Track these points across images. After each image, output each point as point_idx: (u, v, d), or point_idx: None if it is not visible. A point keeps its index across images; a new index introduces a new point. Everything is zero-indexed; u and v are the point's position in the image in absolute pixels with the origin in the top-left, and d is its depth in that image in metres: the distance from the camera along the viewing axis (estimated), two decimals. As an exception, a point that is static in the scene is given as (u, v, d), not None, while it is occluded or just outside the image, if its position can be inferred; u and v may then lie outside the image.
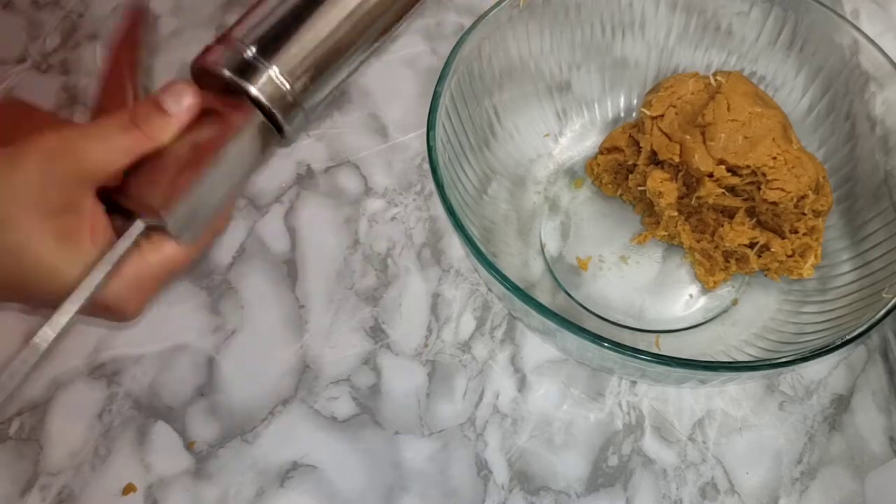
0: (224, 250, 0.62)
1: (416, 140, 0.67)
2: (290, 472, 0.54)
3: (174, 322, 0.59)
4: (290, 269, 0.61)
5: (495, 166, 0.62)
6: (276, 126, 0.40)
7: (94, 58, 0.72)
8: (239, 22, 0.40)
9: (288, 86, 0.39)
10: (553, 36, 0.62)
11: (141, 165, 0.38)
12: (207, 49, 0.40)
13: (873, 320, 0.48)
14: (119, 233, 0.38)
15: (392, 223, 0.63)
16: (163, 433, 0.56)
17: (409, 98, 0.70)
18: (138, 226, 0.38)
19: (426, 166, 0.64)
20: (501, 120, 0.62)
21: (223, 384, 0.57)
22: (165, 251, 0.39)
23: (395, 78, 0.70)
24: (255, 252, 0.62)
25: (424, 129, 0.53)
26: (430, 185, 0.65)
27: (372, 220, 0.63)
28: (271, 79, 0.39)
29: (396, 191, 0.65)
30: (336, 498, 0.54)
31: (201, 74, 0.40)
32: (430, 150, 0.52)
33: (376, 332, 0.59)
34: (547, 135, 0.65)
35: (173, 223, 0.37)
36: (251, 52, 0.39)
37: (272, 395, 0.57)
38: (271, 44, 0.39)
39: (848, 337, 0.47)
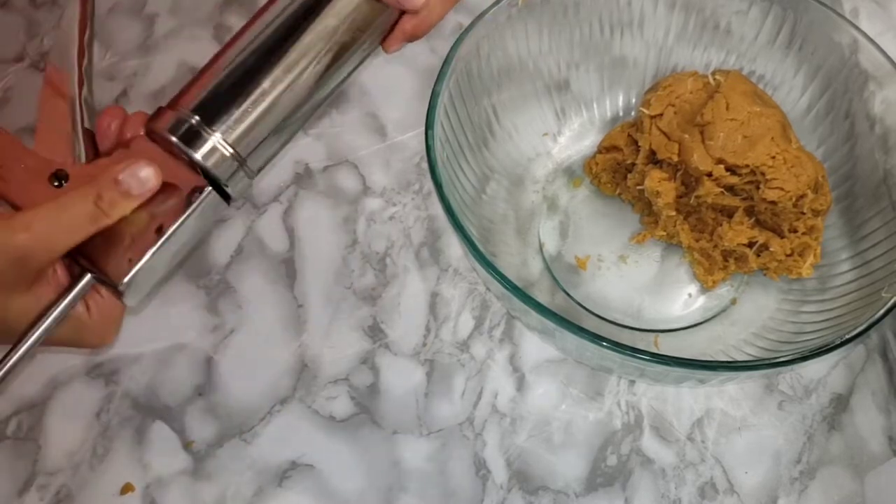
0: (222, 250, 0.62)
1: (414, 139, 0.67)
2: (288, 472, 0.54)
3: (172, 321, 0.59)
4: (288, 269, 0.61)
5: (494, 165, 0.61)
6: (220, 190, 0.42)
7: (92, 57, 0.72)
8: (187, 89, 0.42)
9: (231, 150, 0.41)
10: (552, 35, 0.62)
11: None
12: (159, 111, 0.42)
13: (872, 320, 0.48)
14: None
15: (390, 222, 0.63)
16: (161, 433, 0.56)
17: (407, 97, 0.70)
18: (88, 280, 0.39)
19: (425, 165, 0.64)
20: (500, 119, 0.62)
21: (221, 384, 0.57)
22: None
23: (393, 77, 0.70)
24: (254, 251, 0.62)
25: (423, 129, 0.52)
26: (429, 185, 0.64)
27: (370, 220, 0.63)
28: (215, 145, 0.41)
29: (395, 190, 0.65)
30: (334, 498, 0.53)
31: (152, 133, 0.42)
32: (429, 149, 0.52)
33: (375, 332, 0.59)
34: (545, 134, 0.65)
35: (125, 289, 0.39)
36: (195, 119, 0.41)
37: (270, 395, 0.57)
38: (214, 111, 0.41)
39: (847, 336, 0.47)
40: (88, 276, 0.39)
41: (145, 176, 0.39)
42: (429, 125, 0.52)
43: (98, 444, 0.55)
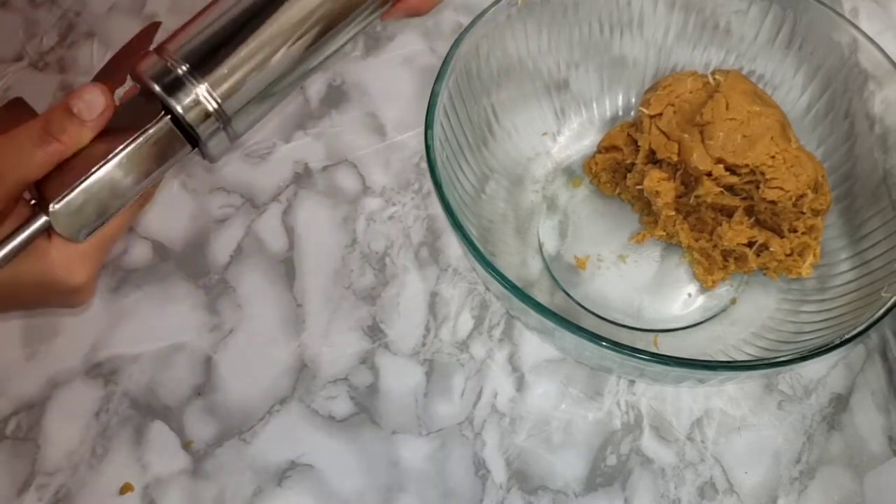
0: (221, 249, 0.62)
1: (413, 139, 0.67)
2: (287, 472, 0.54)
3: (171, 321, 0.59)
4: (287, 269, 0.61)
5: (493, 165, 0.61)
6: (191, 138, 0.40)
7: (91, 56, 0.72)
8: (176, 33, 0.41)
9: (215, 105, 0.40)
10: (551, 34, 0.62)
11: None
12: (145, 55, 0.40)
13: (872, 319, 0.48)
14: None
15: (390, 222, 0.63)
16: (160, 433, 0.55)
17: (406, 97, 0.70)
18: (41, 219, 0.38)
19: (424, 165, 0.64)
20: (500, 119, 0.62)
21: (221, 383, 0.57)
22: None
23: (392, 77, 0.70)
24: (253, 251, 0.62)
25: (422, 128, 0.52)
26: (428, 184, 0.64)
27: (370, 219, 0.63)
28: (198, 96, 0.39)
29: (394, 190, 0.65)
30: (334, 497, 0.53)
31: (139, 79, 0.40)
32: (428, 148, 0.52)
33: (374, 332, 0.59)
34: (545, 133, 0.65)
35: (56, 216, 0.38)
36: (183, 68, 0.39)
37: (270, 395, 0.57)
38: (203, 60, 0.40)
39: (847, 336, 0.47)
40: (43, 215, 0.38)
41: (90, 98, 0.38)
42: (428, 125, 0.52)
43: (97, 443, 0.55)
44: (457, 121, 0.57)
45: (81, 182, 0.38)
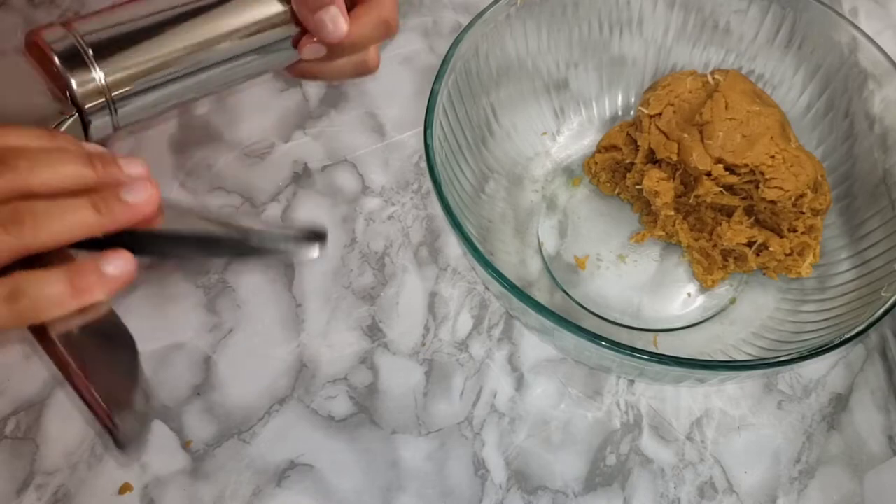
0: (221, 249, 0.62)
1: (413, 138, 0.67)
2: (287, 472, 0.54)
3: (170, 321, 0.59)
4: (286, 268, 0.61)
5: (493, 165, 0.61)
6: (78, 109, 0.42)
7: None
8: (87, 17, 0.43)
9: (107, 92, 0.42)
10: (550, 34, 0.62)
11: None
12: (49, 25, 0.42)
13: (872, 319, 0.48)
14: None
15: (389, 222, 0.63)
16: (159, 432, 0.55)
17: (406, 96, 0.69)
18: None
19: (423, 165, 0.64)
20: (499, 118, 0.62)
21: (220, 383, 0.57)
22: None
23: (392, 76, 0.70)
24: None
25: (422, 128, 0.52)
26: (428, 184, 0.64)
27: (369, 219, 0.63)
28: (96, 80, 0.41)
29: (394, 189, 0.65)
30: (333, 497, 0.53)
31: (33, 44, 0.42)
32: (428, 148, 0.52)
33: (373, 331, 0.59)
34: (544, 133, 0.65)
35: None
36: (82, 39, 0.41)
37: (269, 395, 0.57)
38: (107, 48, 0.42)
39: (846, 336, 0.47)
40: None
41: (124, 264, 0.38)
42: (427, 124, 0.52)
43: (96, 443, 0.55)
44: (456, 120, 0.57)
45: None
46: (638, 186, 0.59)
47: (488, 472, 0.54)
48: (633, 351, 0.45)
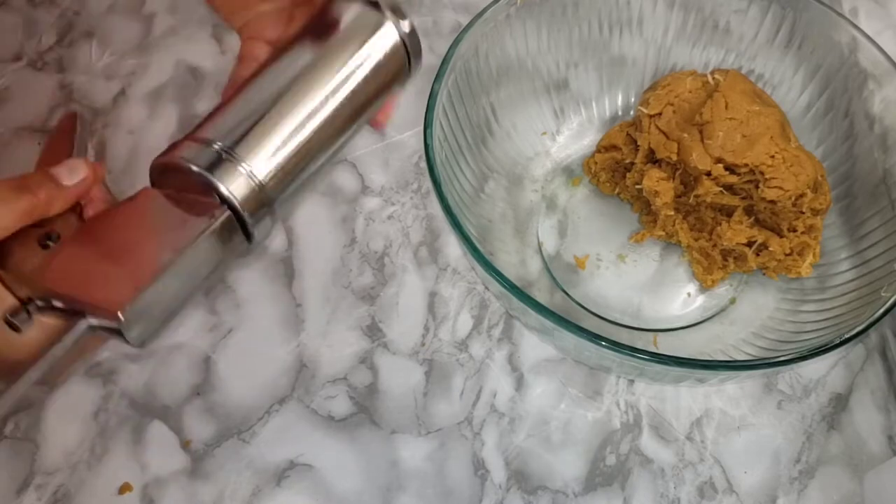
0: (220, 249, 0.62)
1: (413, 138, 0.67)
2: (286, 472, 0.54)
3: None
4: (286, 268, 0.61)
5: (492, 164, 0.61)
6: (242, 226, 0.39)
7: (89, 56, 0.72)
8: (205, 121, 0.40)
9: (258, 183, 0.38)
10: (550, 34, 0.62)
11: (86, 264, 0.37)
12: (173, 146, 0.39)
13: (872, 319, 0.47)
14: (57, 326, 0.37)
15: (389, 222, 0.63)
16: (159, 432, 0.55)
17: (405, 96, 0.69)
18: (81, 326, 0.35)
19: (423, 164, 0.64)
20: (499, 118, 0.62)
21: (219, 383, 0.57)
22: None
23: (392, 76, 0.70)
24: (252, 251, 0.62)
25: (421, 128, 0.52)
26: (427, 184, 0.64)
27: (369, 219, 0.63)
28: (242, 175, 0.38)
29: (393, 189, 0.65)
30: (333, 497, 0.53)
31: (165, 171, 0.39)
32: (427, 148, 0.52)
33: (373, 331, 0.59)
34: (544, 133, 0.65)
35: (126, 322, 0.34)
36: (220, 146, 0.38)
37: (269, 394, 0.57)
38: (242, 140, 0.39)
39: (846, 336, 0.47)
40: (84, 321, 0.35)
41: (77, 166, 0.39)
42: (427, 124, 0.52)
43: (96, 443, 0.55)
44: (456, 120, 0.57)
45: (152, 284, 0.35)
46: (638, 186, 0.59)
47: (488, 472, 0.54)
48: (633, 351, 0.45)
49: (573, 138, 0.65)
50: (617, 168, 0.61)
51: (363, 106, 0.44)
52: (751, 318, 0.58)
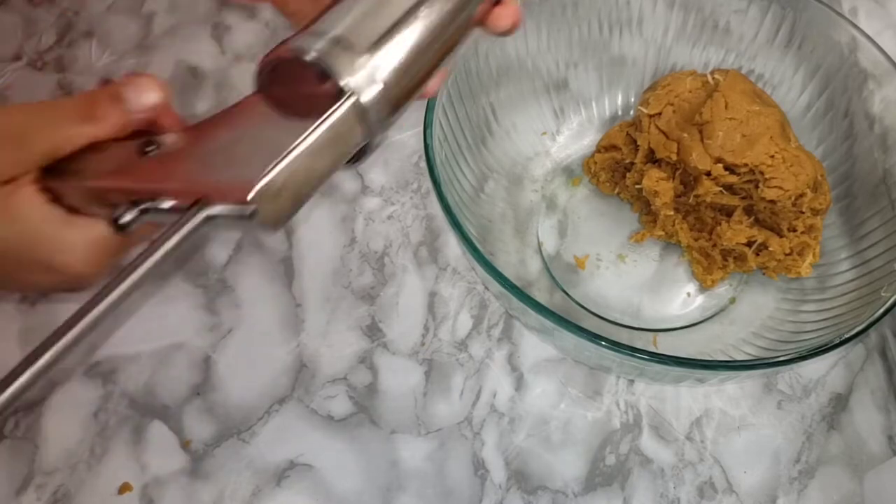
0: (220, 249, 0.62)
1: (412, 138, 0.67)
2: (286, 472, 0.54)
3: (170, 321, 0.59)
4: (286, 268, 0.61)
5: (492, 164, 0.61)
6: (364, 123, 0.35)
7: (89, 55, 0.72)
8: (322, 15, 0.36)
9: (382, 85, 0.35)
10: (550, 34, 0.62)
11: (198, 157, 0.35)
12: (285, 41, 0.35)
13: (872, 319, 0.47)
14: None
15: (389, 221, 0.63)
16: (159, 432, 0.55)
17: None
18: (199, 216, 0.33)
19: (423, 164, 0.64)
20: (498, 118, 0.62)
21: (219, 383, 0.57)
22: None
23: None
24: (252, 251, 0.62)
25: (421, 128, 0.52)
26: (427, 184, 0.64)
27: (368, 219, 0.63)
28: (368, 73, 0.35)
29: (393, 189, 0.65)
30: (332, 497, 0.53)
31: (275, 73, 0.35)
32: (427, 148, 0.52)
33: (373, 331, 0.59)
34: (544, 133, 0.65)
35: (259, 202, 0.32)
36: (337, 34, 0.34)
37: (268, 394, 0.57)
38: (363, 31, 0.35)
39: (846, 336, 0.47)
40: (202, 211, 0.33)
41: (146, 86, 0.36)
42: (427, 124, 0.52)
43: (96, 443, 0.55)
44: (455, 120, 0.57)
45: (280, 161, 0.33)
46: (637, 186, 0.59)
47: (488, 472, 0.54)
48: (632, 351, 0.45)
49: (573, 138, 0.65)
50: (617, 168, 0.61)
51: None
52: (750, 317, 0.58)
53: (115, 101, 0.36)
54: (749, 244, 0.56)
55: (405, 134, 0.67)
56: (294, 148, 0.34)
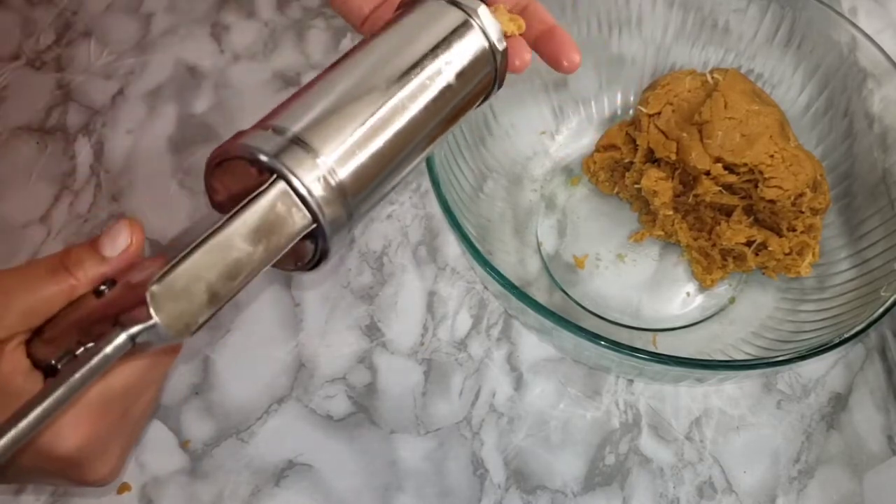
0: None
1: (412, 138, 0.67)
2: (285, 472, 0.54)
3: (169, 320, 0.59)
4: (285, 268, 0.61)
5: (491, 164, 0.61)
6: (301, 216, 0.32)
7: (88, 55, 0.72)
8: (276, 111, 0.34)
9: (335, 182, 0.32)
10: (550, 33, 0.62)
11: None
12: (237, 134, 0.33)
13: (871, 318, 0.47)
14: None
15: (388, 221, 0.63)
16: (157, 432, 0.55)
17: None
18: (121, 338, 0.29)
19: (422, 164, 0.64)
20: (498, 117, 0.62)
21: (218, 383, 0.57)
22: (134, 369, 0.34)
23: (391, 75, 0.70)
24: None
25: (420, 127, 0.52)
26: (426, 183, 0.64)
27: (368, 218, 0.63)
28: (320, 170, 0.32)
29: (392, 189, 0.65)
30: (332, 497, 0.53)
31: (224, 167, 0.33)
32: (426, 147, 0.51)
33: (372, 331, 0.59)
34: (543, 132, 0.65)
35: (156, 301, 0.29)
36: (294, 132, 0.32)
37: (267, 394, 0.56)
38: (319, 128, 0.33)
39: (846, 335, 0.47)
40: (122, 332, 0.29)
41: (119, 232, 0.34)
42: (426, 123, 0.52)
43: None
44: (455, 119, 0.57)
45: (187, 255, 0.30)
46: (637, 186, 0.59)
47: (487, 472, 0.54)
48: (632, 350, 0.45)
49: (572, 137, 0.65)
50: (616, 167, 0.61)
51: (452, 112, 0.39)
52: (750, 317, 0.58)
53: (90, 252, 0.34)
54: (748, 244, 0.56)
55: (404, 133, 0.67)
56: (201, 242, 0.30)
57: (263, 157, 0.31)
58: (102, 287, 0.33)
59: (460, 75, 0.38)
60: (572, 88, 0.65)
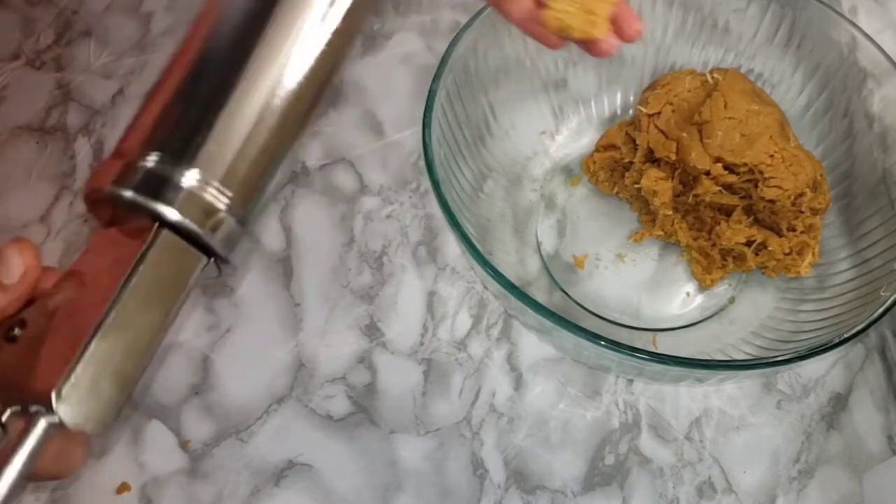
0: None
1: (411, 137, 0.67)
2: (285, 472, 0.54)
3: (169, 320, 0.59)
4: (285, 268, 0.61)
5: (491, 164, 0.61)
6: (202, 248, 0.31)
7: (88, 54, 0.72)
8: (131, 130, 0.32)
9: (214, 193, 0.31)
10: (549, 33, 0.62)
11: (27, 348, 0.30)
12: (101, 166, 0.31)
13: (871, 318, 0.47)
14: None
15: (387, 221, 0.63)
16: (157, 432, 0.55)
17: (404, 95, 0.69)
18: (40, 426, 0.27)
19: (422, 164, 0.64)
20: (497, 117, 0.62)
21: (218, 383, 0.57)
22: None
23: (390, 75, 0.70)
24: (250, 250, 0.62)
25: (420, 127, 0.52)
26: (426, 183, 0.64)
27: (367, 218, 0.63)
28: (190, 189, 0.30)
29: (392, 188, 0.65)
30: (331, 497, 0.53)
31: (98, 201, 0.31)
32: (426, 147, 0.51)
33: (372, 331, 0.59)
34: (543, 132, 0.65)
35: (66, 411, 0.27)
36: (156, 159, 0.30)
37: (267, 394, 0.56)
38: (183, 145, 0.31)
39: (846, 335, 0.47)
40: (42, 420, 0.27)
41: (11, 257, 0.31)
42: (426, 123, 0.52)
43: (94, 443, 0.55)
44: (454, 119, 0.57)
45: (84, 350, 0.27)
46: (637, 186, 0.59)
47: (487, 472, 0.54)
48: (632, 350, 0.45)
49: (572, 137, 0.65)
50: (616, 167, 0.61)
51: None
52: (750, 317, 0.58)
53: None
54: (748, 244, 0.56)
55: (404, 133, 0.67)
56: (95, 330, 0.28)
57: (140, 200, 0.29)
58: (14, 331, 0.31)
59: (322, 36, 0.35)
60: (572, 88, 0.65)
